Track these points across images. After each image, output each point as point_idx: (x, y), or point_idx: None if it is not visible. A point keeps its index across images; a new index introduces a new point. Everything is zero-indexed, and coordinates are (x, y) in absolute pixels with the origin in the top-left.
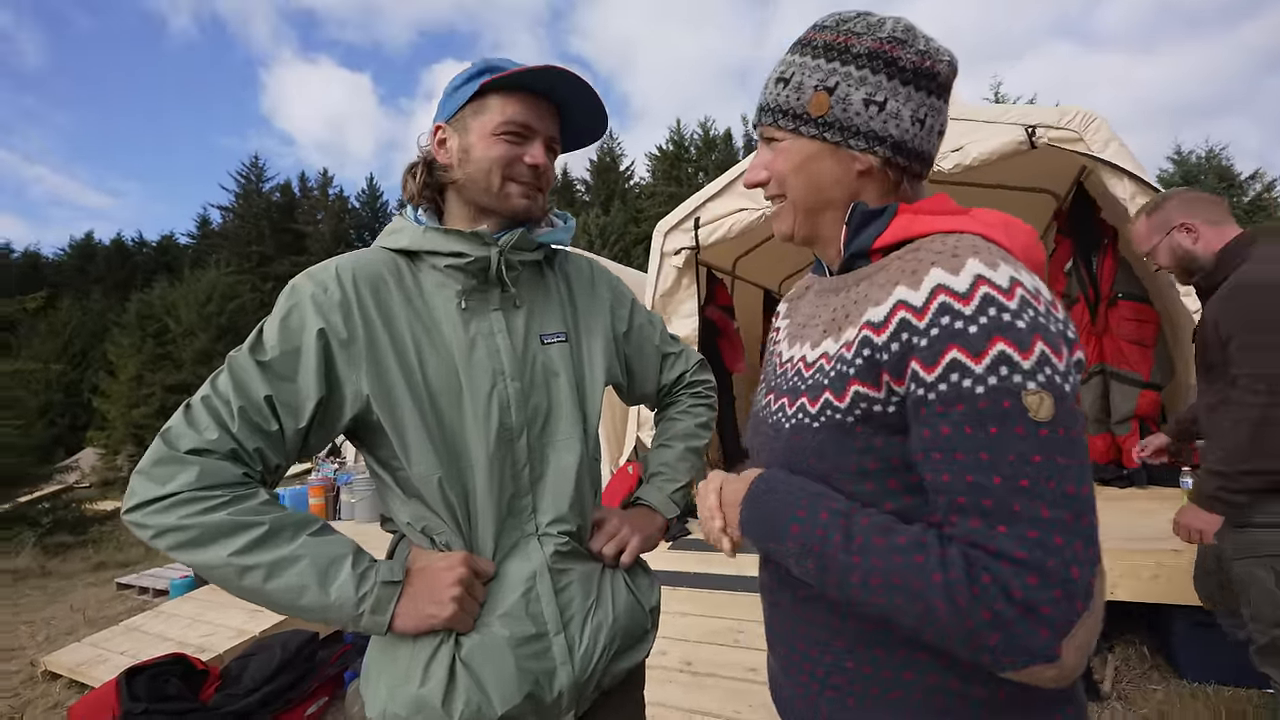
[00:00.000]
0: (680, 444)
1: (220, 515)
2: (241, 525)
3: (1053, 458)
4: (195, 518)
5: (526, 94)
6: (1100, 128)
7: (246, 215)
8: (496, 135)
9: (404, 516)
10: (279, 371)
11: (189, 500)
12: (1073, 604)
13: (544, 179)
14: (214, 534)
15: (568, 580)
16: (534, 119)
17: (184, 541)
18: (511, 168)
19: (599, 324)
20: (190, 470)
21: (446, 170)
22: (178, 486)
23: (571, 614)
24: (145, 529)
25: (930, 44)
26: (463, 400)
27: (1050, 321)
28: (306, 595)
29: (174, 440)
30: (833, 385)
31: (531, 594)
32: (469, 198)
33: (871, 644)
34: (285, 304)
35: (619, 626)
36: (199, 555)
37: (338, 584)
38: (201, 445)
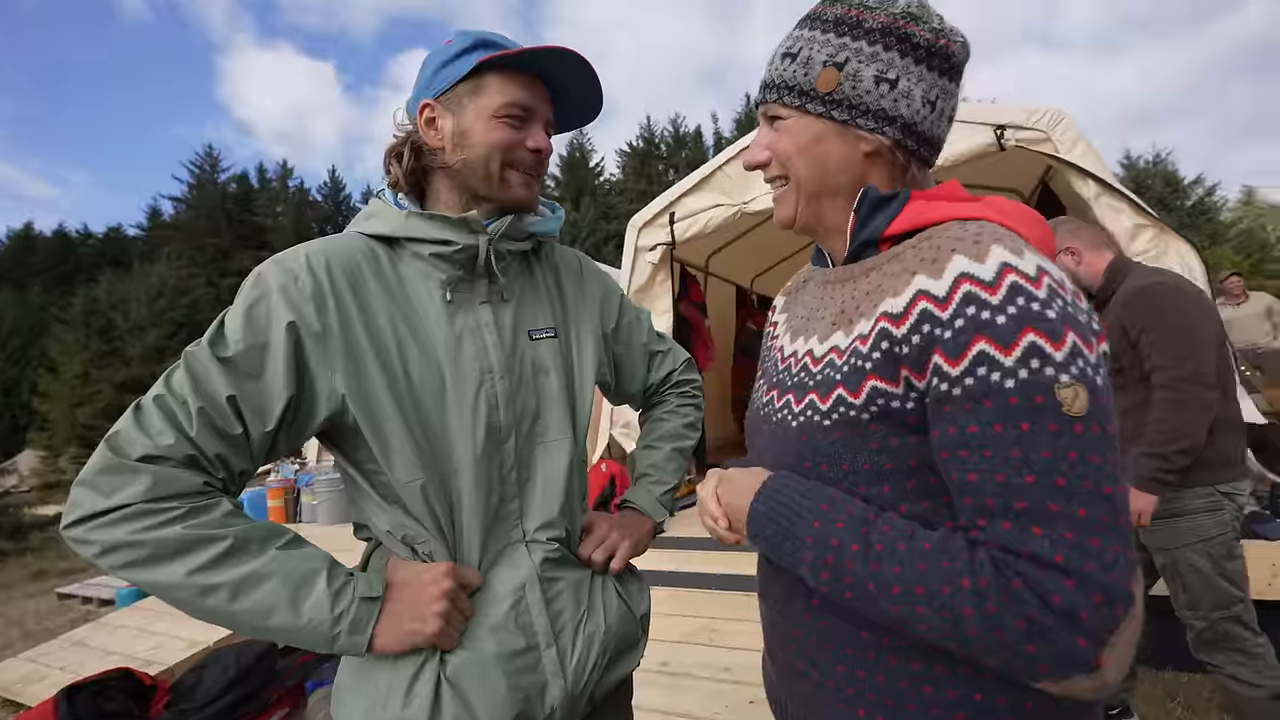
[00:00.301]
0: (668, 445)
1: (176, 529)
2: (201, 540)
3: (1088, 455)
4: (147, 533)
5: (526, 74)
6: (1068, 127)
7: (201, 207)
8: (498, 118)
9: (383, 524)
10: (243, 369)
11: (140, 514)
12: (1114, 610)
13: (543, 165)
14: (170, 551)
15: (558, 589)
16: (534, 101)
17: (135, 560)
18: (512, 153)
19: (588, 319)
20: (141, 480)
21: (436, 153)
22: (127, 498)
23: (563, 624)
24: (89, 546)
25: (944, 23)
26: (446, 399)
27: (1078, 312)
28: (276, 615)
29: (122, 446)
30: (846, 380)
31: (521, 605)
32: (463, 183)
33: (885, 652)
34: (250, 294)
35: (611, 636)
36: (152, 575)
37: (310, 602)
38: (155, 451)
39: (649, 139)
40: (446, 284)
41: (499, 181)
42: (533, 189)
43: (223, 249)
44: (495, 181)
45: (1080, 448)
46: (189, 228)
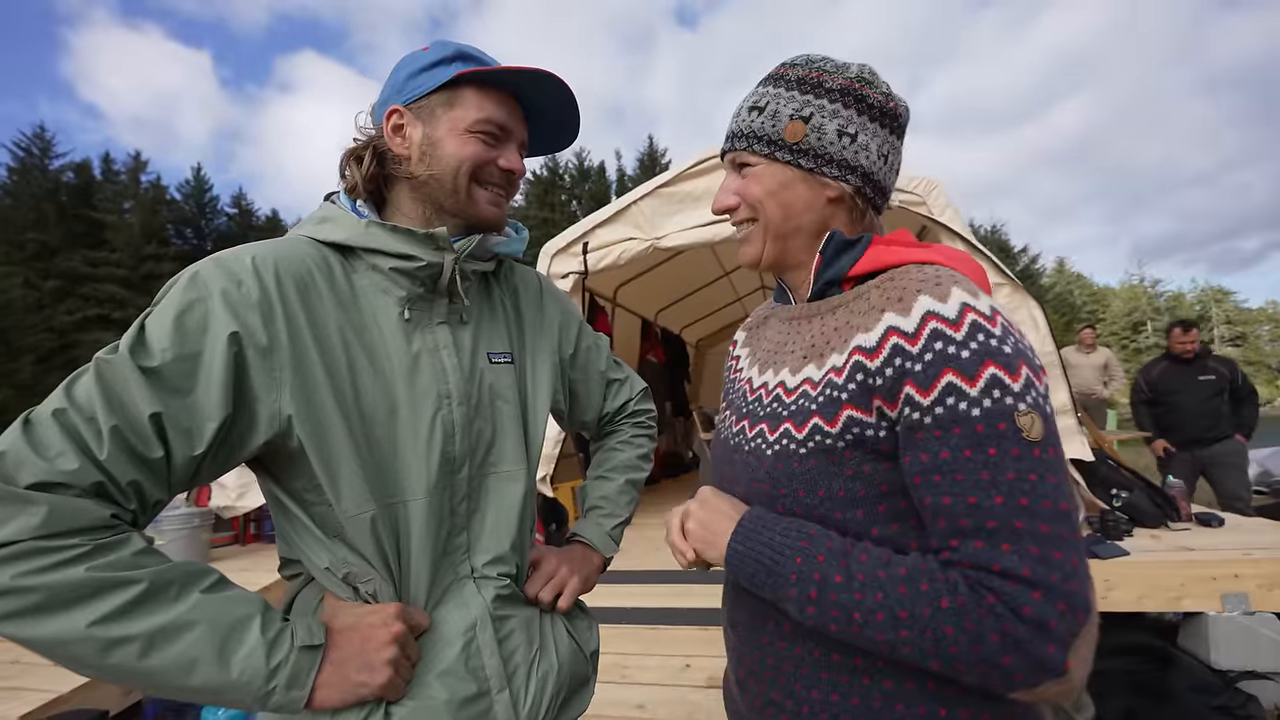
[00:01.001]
0: (621, 476)
1: (77, 572)
2: (108, 584)
3: (1046, 476)
4: (38, 576)
5: (502, 92)
6: (939, 194)
7: (23, 195)
8: (471, 133)
9: (321, 561)
10: (170, 382)
11: (30, 553)
12: (1076, 616)
13: (513, 186)
14: (68, 598)
15: (510, 628)
16: (510, 120)
17: (19, 609)
18: (483, 170)
19: (545, 345)
20: (33, 511)
21: (401, 162)
22: (14, 533)
23: (515, 665)
24: None
25: (890, 88)
26: (399, 424)
27: (1027, 348)
28: (199, 672)
29: (9, 470)
30: (822, 410)
31: (472, 646)
32: (427, 195)
33: (858, 674)
34: (183, 297)
35: (564, 675)
36: (41, 628)
37: (242, 654)
38: (52, 478)
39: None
40: (405, 301)
41: (466, 197)
42: (501, 208)
43: (49, 246)
44: (462, 196)
45: (1039, 469)
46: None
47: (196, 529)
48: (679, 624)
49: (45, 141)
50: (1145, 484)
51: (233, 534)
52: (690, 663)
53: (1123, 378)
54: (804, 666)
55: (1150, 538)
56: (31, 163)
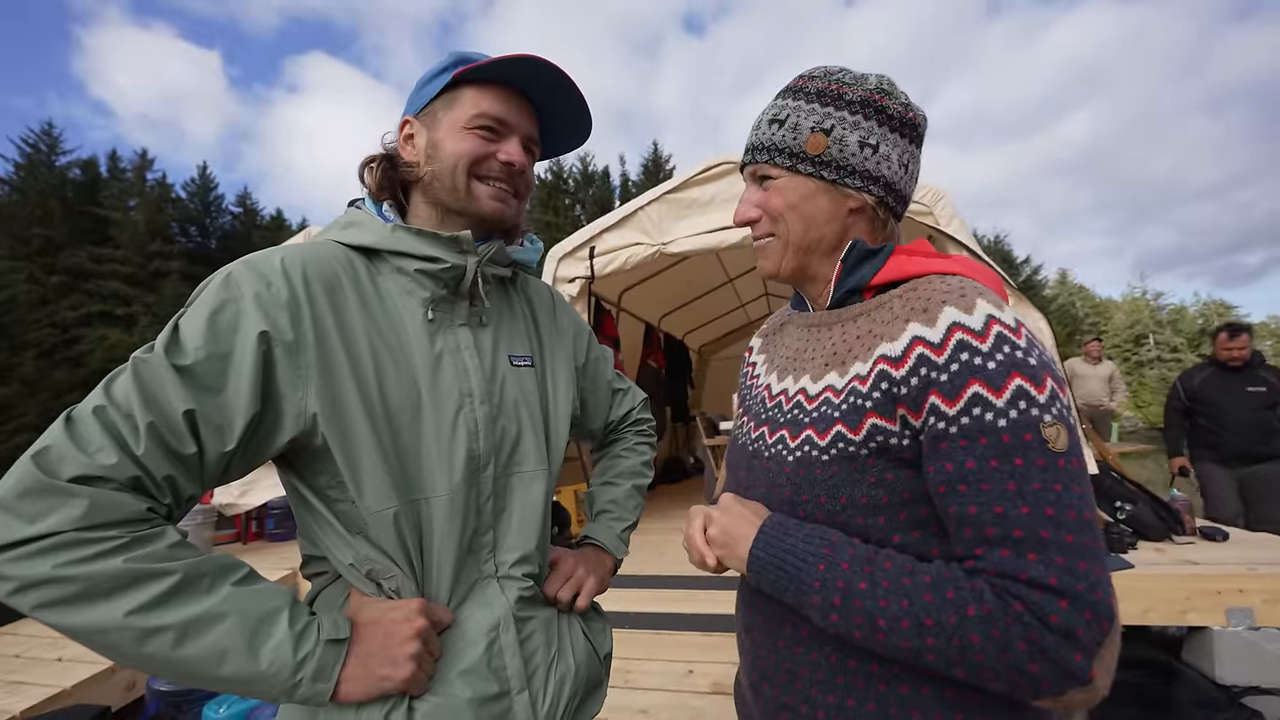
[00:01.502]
0: (627, 482)
1: (115, 563)
2: (144, 575)
3: (1071, 486)
4: (79, 567)
5: (503, 87)
6: (946, 204)
7: (29, 191)
8: (468, 129)
9: (345, 557)
10: (203, 380)
11: (71, 544)
12: (1101, 625)
13: (519, 181)
14: (106, 588)
15: (531, 629)
16: (510, 114)
17: (60, 598)
18: (481, 165)
19: (562, 353)
20: (75, 504)
21: (412, 167)
22: (55, 525)
23: (535, 666)
24: (2, 582)
25: (909, 98)
26: (423, 422)
27: (1051, 360)
28: (229, 662)
29: (51, 464)
30: (845, 418)
31: (495, 647)
32: (435, 197)
33: (874, 679)
34: (216, 297)
35: (581, 677)
36: (81, 616)
37: (271, 646)
38: (93, 471)
39: (558, 174)
40: (428, 302)
41: (466, 193)
42: (506, 202)
43: (54, 241)
44: (462, 193)
45: (1064, 480)
46: (10, 214)
47: (199, 526)
48: (682, 629)
49: (53, 138)
50: (1149, 496)
51: (235, 532)
52: (693, 668)
53: (1125, 390)
54: (820, 671)
55: (1154, 551)
56: (38, 159)
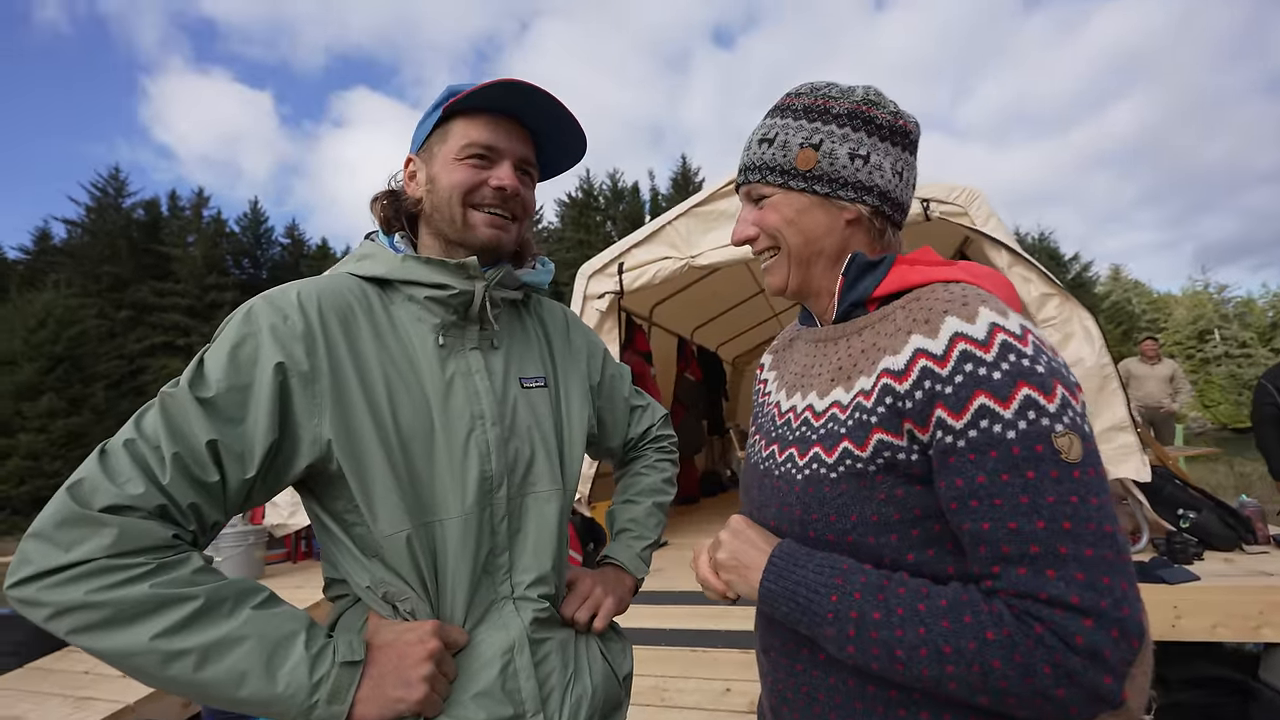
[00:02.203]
0: (648, 500)
1: (142, 589)
2: (169, 600)
3: (1088, 498)
4: (108, 593)
5: (491, 115)
6: (982, 204)
7: (99, 232)
8: (459, 160)
9: (363, 580)
10: (224, 411)
11: (102, 570)
12: (1130, 643)
13: (515, 205)
14: (133, 612)
15: (546, 650)
16: (499, 139)
17: (92, 623)
18: (474, 194)
19: (576, 372)
20: (105, 533)
21: (417, 203)
22: (88, 553)
23: (550, 689)
24: (39, 607)
25: (898, 106)
26: (435, 446)
27: (1061, 366)
28: (248, 684)
29: (85, 495)
30: (852, 434)
31: (509, 669)
32: (436, 228)
33: (894, 705)
34: (237, 332)
35: (598, 699)
36: (110, 640)
37: (287, 668)
38: (122, 501)
39: (588, 191)
40: (439, 328)
41: (462, 223)
42: (502, 229)
43: (121, 278)
44: (459, 223)
45: (1080, 491)
46: (82, 253)
47: (251, 546)
48: (720, 646)
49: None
50: (1215, 503)
51: (285, 551)
52: (731, 686)
53: (1190, 390)
54: (838, 696)
55: (1223, 561)
56: (107, 201)
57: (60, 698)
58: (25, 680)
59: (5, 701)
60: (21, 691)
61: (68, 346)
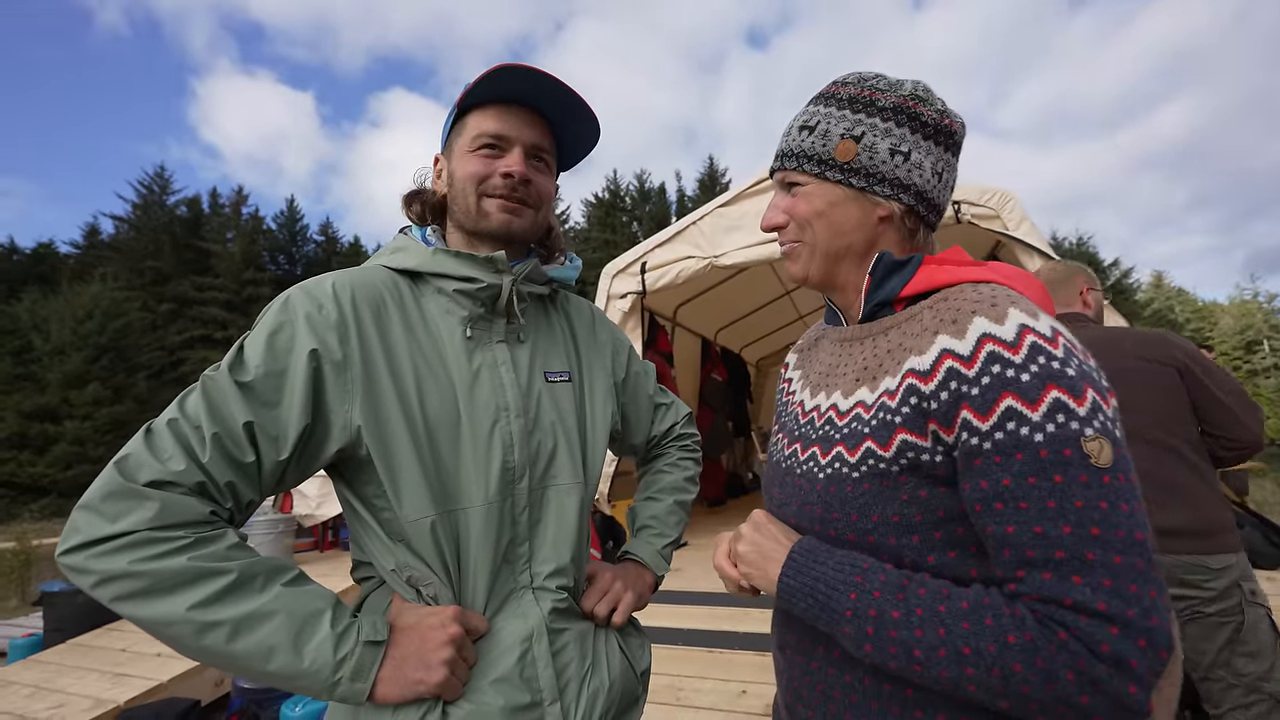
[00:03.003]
0: (669, 497)
1: (180, 560)
2: (205, 573)
3: (1118, 504)
4: (149, 563)
5: (503, 105)
6: (1015, 207)
7: (144, 228)
8: (471, 152)
9: (388, 564)
10: (261, 395)
11: (144, 542)
12: (1158, 653)
13: (527, 192)
14: (171, 583)
15: (565, 641)
16: (508, 128)
17: (133, 591)
18: (486, 182)
19: (600, 368)
20: (148, 506)
21: (442, 198)
22: (132, 524)
23: (568, 679)
24: (86, 575)
25: (946, 105)
26: (461, 435)
27: (1093, 370)
28: (276, 658)
29: (131, 470)
30: (875, 434)
31: (528, 657)
32: (458, 221)
33: (910, 706)
34: (275, 319)
35: (615, 692)
36: (150, 609)
37: (314, 644)
38: (164, 477)
39: (615, 191)
40: (467, 320)
41: (477, 212)
42: (516, 213)
43: (163, 273)
44: (474, 212)
45: (1110, 497)
46: (128, 248)
47: (281, 534)
48: (737, 648)
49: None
50: (1259, 520)
51: (313, 540)
52: (747, 688)
53: None
54: (853, 694)
55: (1266, 580)
56: (152, 199)
57: (99, 673)
58: (68, 655)
59: (49, 674)
60: (64, 666)
61: (113, 338)
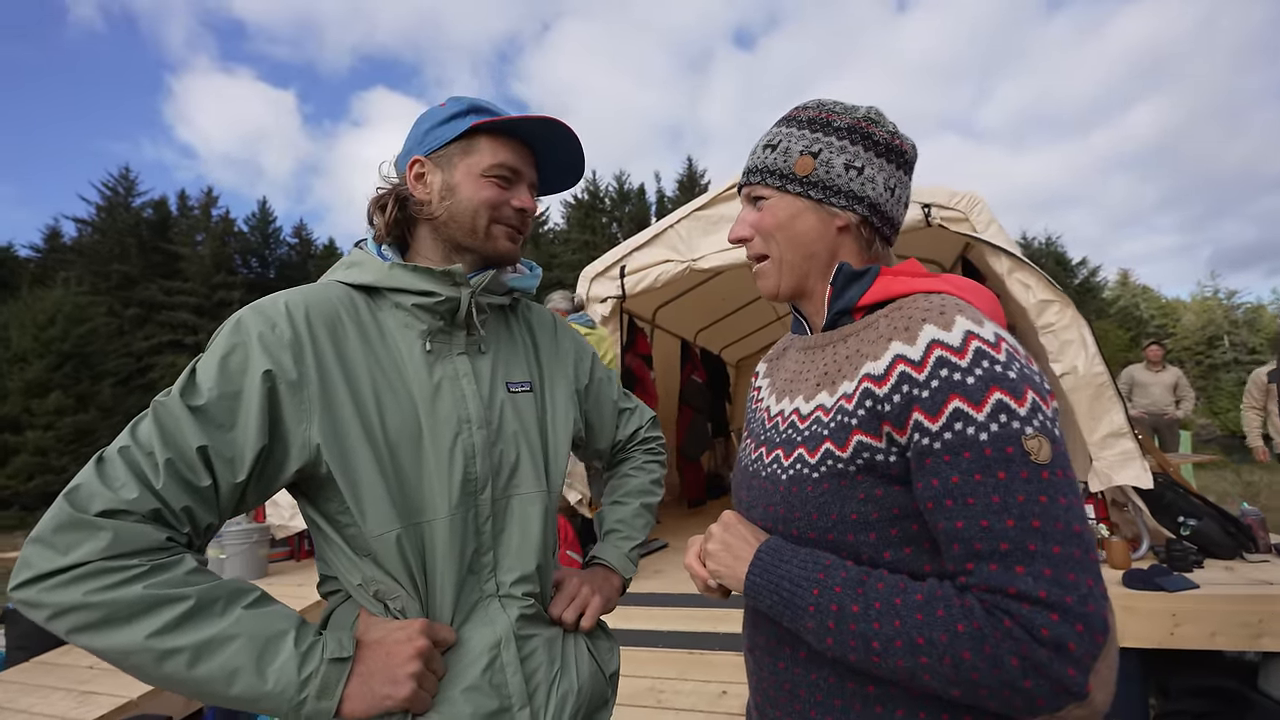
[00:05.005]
0: (636, 500)
1: (136, 589)
2: (162, 600)
3: (1056, 498)
4: (104, 593)
5: (515, 139)
6: (983, 210)
7: (109, 231)
8: (486, 177)
9: (354, 578)
10: (215, 418)
11: (98, 572)
12: (1094, 638)
13: (528, 223)
14: (127, 612)
15: (533, 647)
16: (521, 164)
17: (89, 623)
18: (499, 210)
19: (562, 376)
20: (101, 536)
21: (423, 206)
22: (84, 555)
23: (537, 684)
24: (40, 609)
25: (897, 128)
26: (423, 448)
27: (1033, 373)
28: (239, 682)
29: (82, 500)
30: (833, 436)
31: (496, 664)
32: (447, 235)
33: (871, 701)
34: (227, 341)
35: (584, 695)
36: (107, 639)
37: (277, 665)
38: (117, 505)
39: (594, 192)
40: (426, 334)
41: (485, 235)
42: (516, 243)
43: (130, 277)
44: (481, 235)
45: (1049, 491)
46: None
47: (255, 544)
48: (716, 649)
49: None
50: (1216, 511)
51: (289, 549)
52: (727, 689)
53: (1194, 397)
54: (819, 693)
55: (1224, 569)
56: (117, 200)
57: (65, 691)
58: (31, 674)
59: (12, 694)
60: (28, 685)
61: (76, 344)
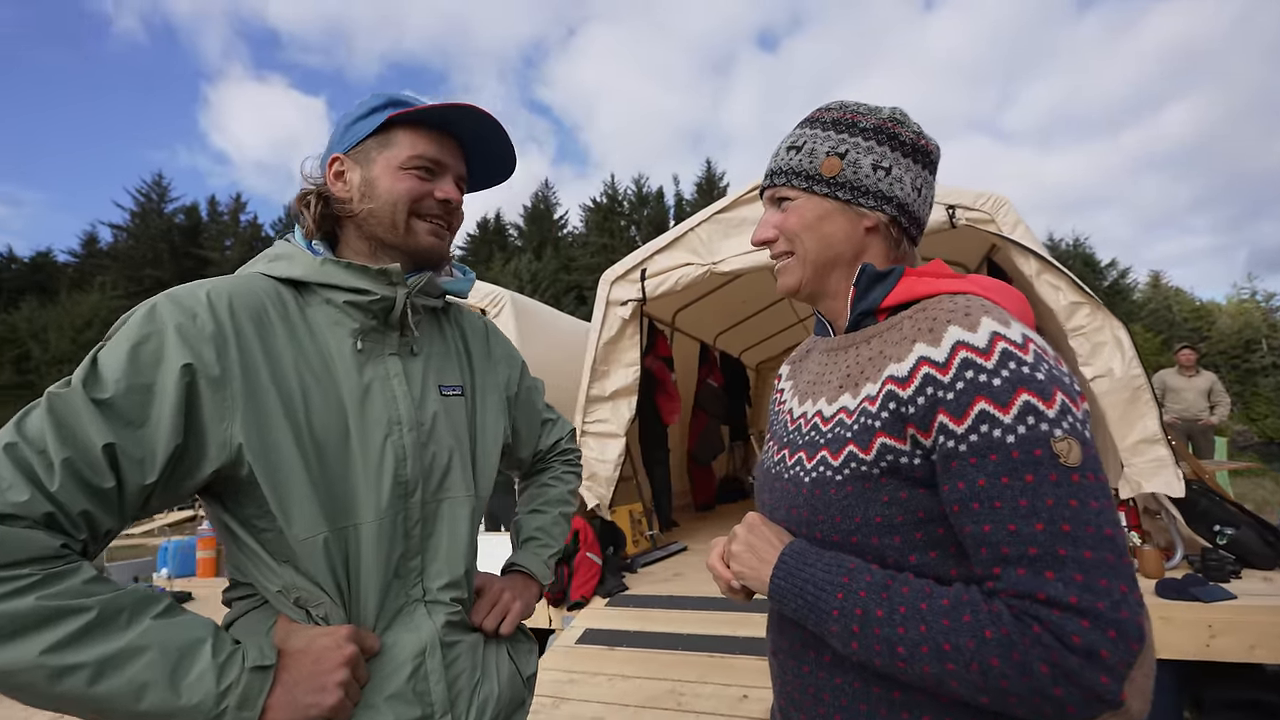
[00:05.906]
0: (555, 509)
1: (27, 601)
2: (58, 612)
3: (1087, 502)
4: None
5: (435, 130)
6: (1009, 211)
7: (143, 236)
8: (405, 169)
9: (273, 585)
10: (123, 413)
11: None
12: (1128, 645)
13: (455, 217)
14: (17, 627)
15: (457, 653)
16: (444, 155)
17: None
18: (420, 203)
19: (494, 383)
20: None
21: (344, 203)
22: None
23: (459, 690)
24: None
25: (921, 128)
26: (351, 450)
27: (1062, 374)
28: (149, 696)
29: None
30: (857, 438)
31: (421, 671)
32: (370, 232)
33: (898, 708)
34: (139, 330)
35: (503, 701)
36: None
37: (193, 677)
38: (3, 509)
39: (613, 196)
40: (358, 333)
41: (405, 230)
42: (442, 238)
43: (162, 281)
44: (401, 230)
45: (1079, 495)
46: (126, 257)
47: None
48: (737, 653)
49: (161, 187)
50: (1254, 520)
51: None
52: (748, 693)
53: (1229, 403)
54: (843, 697)
55: (1262, 580)
56: (150, 207)
57: None
58: None
59: None
60: None
61: None
